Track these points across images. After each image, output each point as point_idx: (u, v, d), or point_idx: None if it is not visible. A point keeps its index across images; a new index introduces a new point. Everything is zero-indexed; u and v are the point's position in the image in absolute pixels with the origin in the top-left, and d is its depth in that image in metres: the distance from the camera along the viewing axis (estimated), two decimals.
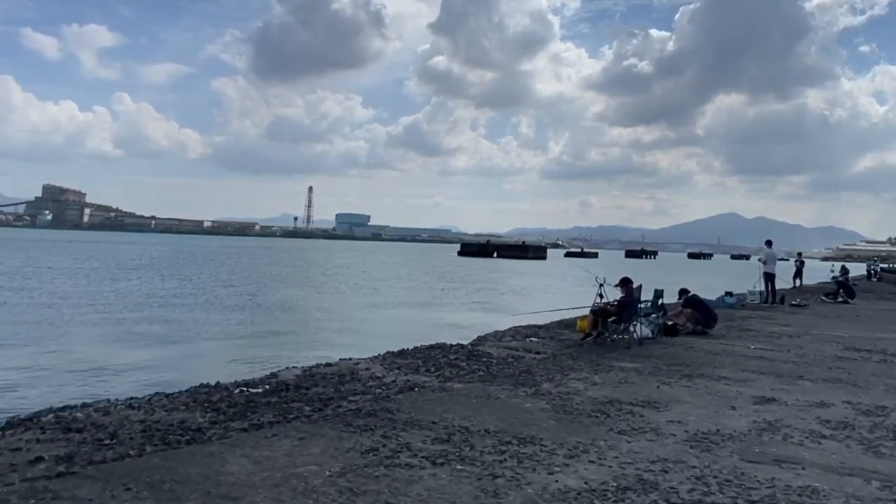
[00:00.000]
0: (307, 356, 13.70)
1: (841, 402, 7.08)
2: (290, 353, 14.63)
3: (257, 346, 16.26)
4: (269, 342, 16.94)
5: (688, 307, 12.57)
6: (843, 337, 12.99)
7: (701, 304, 12.66)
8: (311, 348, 15.72)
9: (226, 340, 17.30)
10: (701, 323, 12.52)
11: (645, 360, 9.38)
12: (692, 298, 12.77)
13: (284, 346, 16.06)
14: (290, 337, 18.31)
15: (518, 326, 12.76)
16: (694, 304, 12.54)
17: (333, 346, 15.92)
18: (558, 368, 8.42)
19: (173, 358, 14.34)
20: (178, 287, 33.01)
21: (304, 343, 16.97)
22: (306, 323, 21.73)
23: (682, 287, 13.25)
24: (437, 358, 9.20)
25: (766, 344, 11.50)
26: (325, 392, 6.96)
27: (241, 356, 14.63)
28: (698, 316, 12.47)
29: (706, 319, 12.52)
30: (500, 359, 9.27)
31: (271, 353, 14.75)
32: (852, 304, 21.61)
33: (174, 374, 11.71)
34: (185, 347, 15.85)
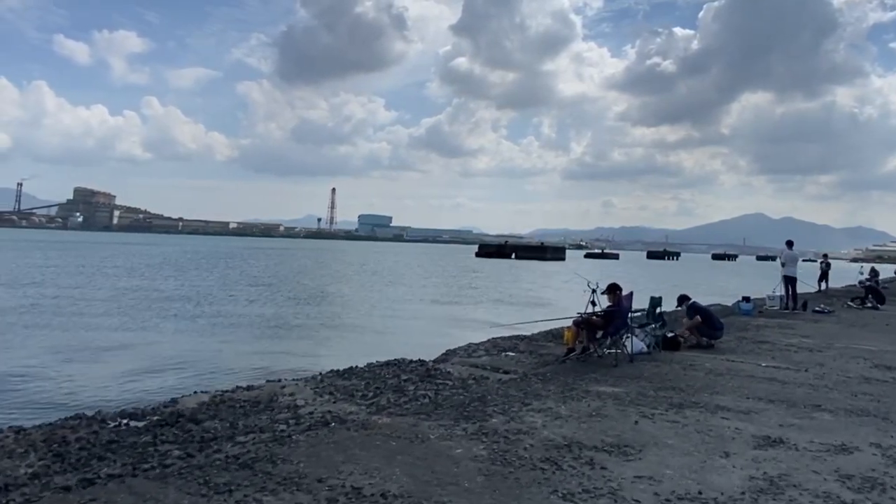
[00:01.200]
0: (260, 369, 12.48)
1: (868, 446, 5.57)
2: (249, 363, 13.38)
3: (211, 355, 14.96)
4: (225, 351, 15.65)
5: (690, 312, 11.04)
6: (872, 351, 11.36)
7: (704, 313, 11.10)
8: (279, 357, 14.48)
9: (176, 350, 16.07)
10: (706, 335, 10.98)
11: (631, 382, 7.91)
12: (693, 306, 11.20)
13: (243, 356, 14.76)
14: (259, 344, 17.02)
15: (497, 338, 11.34)
16: (697, 313, 10.99)
17: (302, 356, 14.65)
18: (520, 395, 6.99)
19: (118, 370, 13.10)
20: (167, 287, 32.02)
21: (273, 352, 15.64)
22: (288, 328, 20.43)
23: (682, 293, 11.66)
24: (385, 379, 7.82)
25: (780, 360, 9.94)
26: (215, 428, 5.63)
27: (188, 369, 13.32)
28: (703, 327, 10.93)
29: (711, 330, 10.98)
30: (459, 380, 7.86)
31: (222, 364, 13.47)
32: (882, 310, 19.80)
33: (104, 393, 10.46)
34: (128, 355, 14.60)
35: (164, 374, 12.06)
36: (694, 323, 10.98)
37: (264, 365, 13.11)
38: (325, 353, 15.42)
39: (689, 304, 11.23)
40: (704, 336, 10.96)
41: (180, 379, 11.51)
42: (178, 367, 12.73)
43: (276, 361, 13.77)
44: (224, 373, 12.14)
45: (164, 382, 11.24)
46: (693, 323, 10.98)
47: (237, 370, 12.40)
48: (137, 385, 11.06)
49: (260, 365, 13.04)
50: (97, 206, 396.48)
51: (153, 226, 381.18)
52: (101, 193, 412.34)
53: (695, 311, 11.17)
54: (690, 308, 11.15)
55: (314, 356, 14.76)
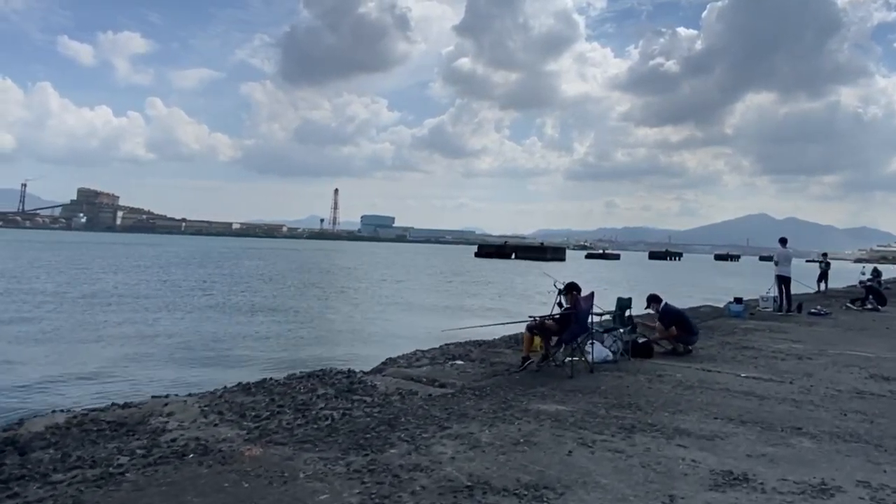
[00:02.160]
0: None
1: (853, 485, 4.44)
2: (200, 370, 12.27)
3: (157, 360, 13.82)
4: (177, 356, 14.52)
5: (664, 320, 9.87)
6: (868, 358, 10.20)
7: (679, 319, 9.92)
8: (207, 364, 13.33)
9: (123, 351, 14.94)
10: (682, 340, 9.84)
11: (583, 397, 6.78)
12: (666, 311, 10.01)
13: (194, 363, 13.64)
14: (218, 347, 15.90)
15: (451, 344, 10.22)
16: (672, 322, 9.79)
17: (229, 365, 13.46)
18: (443, 416, 5.86)
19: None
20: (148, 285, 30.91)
21: (200, 359, 14.35)
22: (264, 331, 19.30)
23: (652, 293, 10.43)
24: (296, 394, 6.71)
25: (763, 370, 8.79)
26: (41, 460, 4.54)
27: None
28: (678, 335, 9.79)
29: (687, 336, 9.83)
30: (381, 396, 6.73)
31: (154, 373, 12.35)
32: (883, 311, 18.60)
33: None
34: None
35: (67, 384, 10.88)
36: (668, 334, 9.83)
37: (175, 377, 11.76)
38: (257, 359, 14.07)
39: (662, 309, 10.04)
40: (681, 342, 9.83)
41: (82, 389, 10.36)
42: (89, 376, 11.57)
43: (198, 371, 12.48)
44: (138, 383, 11.00)
45: (58, 393, 10.11)
46: (667, 334, 9.83)
47: (154, 380, 11.24)
48: (31, 396, 9.94)
49: (172, 377, 11.63)
50: (101, 206, 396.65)
51: (156, 226, 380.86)
52: (105, 194, 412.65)
53: (669, 318, 9.95)
54: (664, 314, 9.95)
55: (244, 364, 13.39)
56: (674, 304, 10.68)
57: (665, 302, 10.13)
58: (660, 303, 10.08)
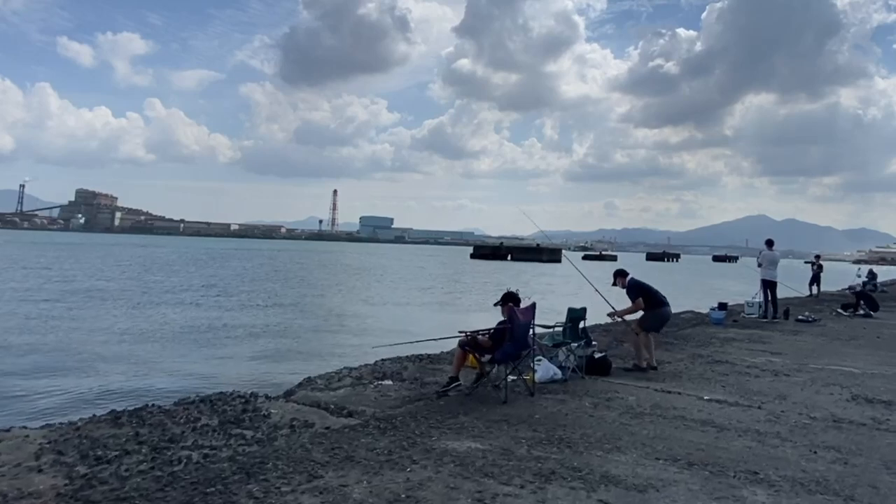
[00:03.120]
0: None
1: None
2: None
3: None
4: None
5: (630, 293, 8.93)
6: (853, 374, 9.18)
7: (643, 289, 8.98)
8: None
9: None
10: (649, 325, 8.99)
11: (508, 429, 5.75)
12: (631, 283, 8.98)
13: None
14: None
15: (388, 359, 9.18)
16: (635, 290, 8.94)
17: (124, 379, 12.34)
18: (322, 460, 4.83)
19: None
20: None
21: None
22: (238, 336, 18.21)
23: (619, 269, 9.33)
24: (173, 425, 5.68)
25: (731, 391, 7.77)
26: None
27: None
28: (647, 315, 8.89)
29: (654, 310, 8.92)
30: (270, 428, 5.70)
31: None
32: (876, 317, 17.58)
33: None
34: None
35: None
36: (636, 306, 8.88)
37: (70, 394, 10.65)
38: (178, 373, 12.80)
39: (628, 283, 9.02)
40: (649, 328, 8.91)
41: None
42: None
43: (98, 386, 11.29)
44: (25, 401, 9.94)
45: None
46: (632, 309, 8.90)
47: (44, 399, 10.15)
48: None
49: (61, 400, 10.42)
50: (99, 207, 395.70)
51: (155, 227, 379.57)
52: (103, 195, 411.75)
53: (635, 292, 8.96)
54: (630, 288, 8.97)
55: (158, 382, 11.94)
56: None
57: (631, 276, 9.16)
58: (625, 277, 9.10)
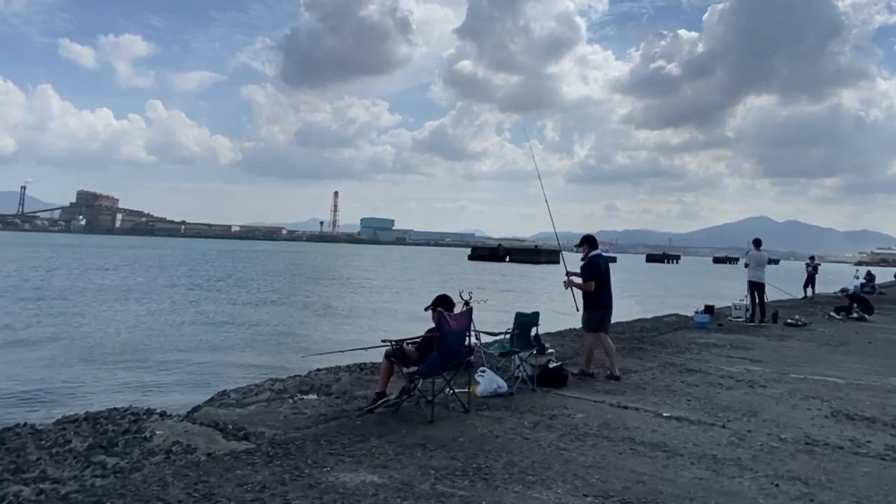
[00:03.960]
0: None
1: None
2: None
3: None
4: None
5: (585, 270, 8.20)
6: (837, 385, 8.33)
7: (599, 272, 8.21)
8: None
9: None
10: (595, 304, 8.27)
11: (421, 456, 4.92)
12: (591, 261, 8.24)
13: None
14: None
15: (322, 370, 8.36)
16: (590, 270, 8.24)
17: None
18: (177, 499, 4.01)
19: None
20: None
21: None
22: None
23: (588, 234, 8.45)
24: (37, 448, 4.90)
25: (697, 406, 6.92)
26: None
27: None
28: (592, 298, 8.20)
29: (599, 293, 8.20)
30: (142, 454, 4.89)
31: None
32: (870, 321, 16.71)
33: None
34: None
35: None
36: (585, 287, 8.19)
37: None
38: (99, 385, 11.77)
39: (591, 259, 8.26)
40: (591, 327, 8.18)
41: None
42: None
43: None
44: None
45: None
46: (582, 286, 8.22)
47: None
48: None
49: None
50: (100, 209, 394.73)
51: (156, 229, 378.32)
52: (105, 196, 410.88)
53: (589, 271, 8.25)
54: (587, 265, 8.25)
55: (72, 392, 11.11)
56: (657, 308, 8.88)
57: (598, 252, 8.39)
58: (591, 247, 8.32)
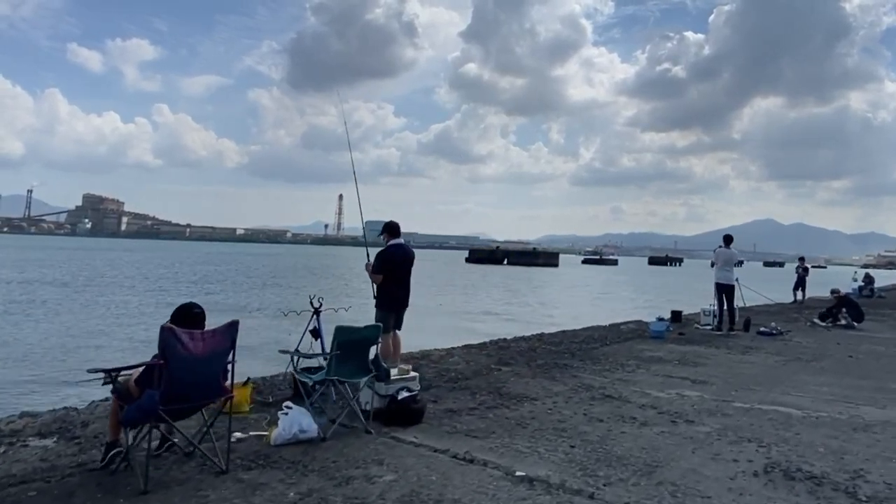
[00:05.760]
0: None
1: None
2: None
3: None
4: None
5: (377, 259, 6.57)
6: (791, 417, 6.35)
7: (393, 263, 6.95)
8: None
9: None
10: (388, 294, 7.07)
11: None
12: (388, 250, 6.92)
13: None
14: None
15: (98, 400, 6.47)
16: (383, 259, 7.03)
17: None
18: None
19: None
20: None
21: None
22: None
23: (391, 221, 7.09)
24: None
25: (574, 456, 4.97)
26: None
27: None
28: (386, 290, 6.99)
29: (394, 286, 7.02)
30: None
31: None
32: (859, 329, 14.69)
33: None
34: None
35: None
36: (374, 279, 6.96)
37: None
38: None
39: (387, 249, 7.05)
40: (385, 310, 6.83)
41: None
42: None
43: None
44: None
45: None
46: (373, 278, 6.97)
47: None
48: None
49: None
50: (105, 212, 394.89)
51: (161, 232, 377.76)
52: (110, 200, 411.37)
53: (381, 260, 7.02)
54: (380, 255, 7.02)
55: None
56: (632, 312, 7.14)
57: (398, 242, 7.08)
58: (392, 236, 7.08)
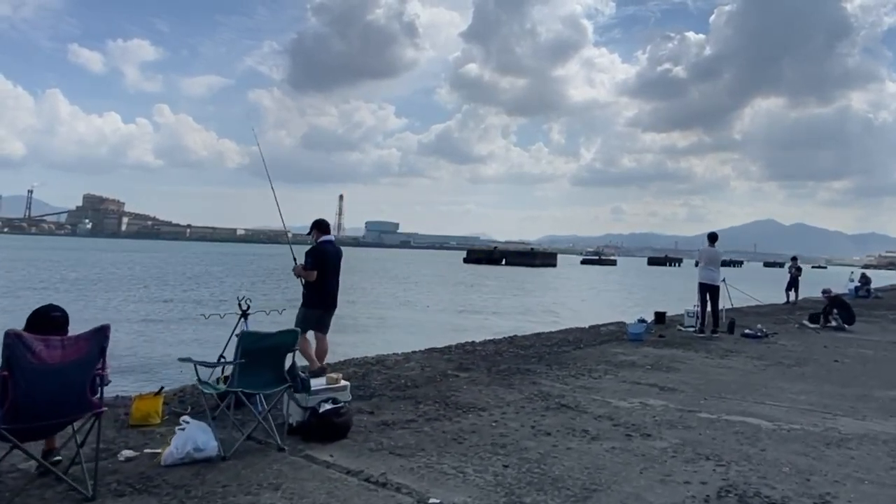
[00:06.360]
0: None
1: None
2: None
3: None
4: None
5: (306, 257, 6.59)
6: (760, 430, 5.78)
7: (324, 261, 6.67)
8: None
9: None
10: (317, 291, 6.87)
11: None
12: (319, 246, 6.75)
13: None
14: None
15: None
16: (313, 256, 6.77)
17: None
18: None
19: None
20: None
21: None
22: None
23: (319, 219, 7.02)
24: None
25: (505, 477, 4.41)
26: None
27: None
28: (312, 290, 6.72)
29: (323, 281, 6.75)
30: None
31: None
32: (850, 331, 14.12)
33: None
34: None
35: None
36: (306, 276, 6.65)
37: None
38: None
39: (317, 245, 6.76)
40: (306, 325, 6.55)
41: None
42: None
43: None
44: None
45: None
46: (304, 274, 6.66)
47: None
48: None
49: None
50: (106, 212, 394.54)
51: (161, 232, 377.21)
52: (111, 200, 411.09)
53: (313, 259, 6.71)
54: (311, 252, 6.72)
55: None
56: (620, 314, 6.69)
57: (330, 239, 6.84)
58: (322, 233, 6.84)
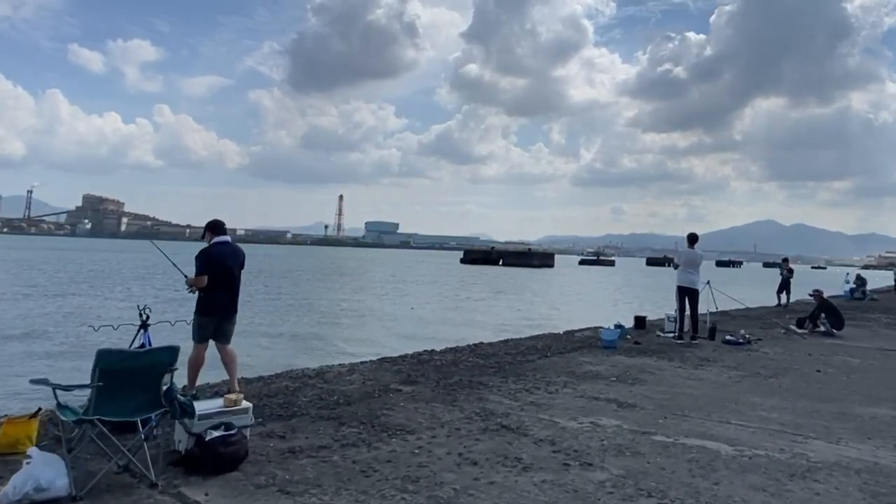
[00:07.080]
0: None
1: None
2: None
3: None
4: None
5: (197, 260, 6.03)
6: (718, 457, 5.11)
7: (212, 264, 6.10)
8: None
9: None
10: (212, 301, 6.20)
11: None
12: (208, 251, 6.21)
13: None
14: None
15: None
16: (204, 259, 6.21)
17: None
18: None
19: None
20: None
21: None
22: None
23: (213, 220, 6.48)
24: None
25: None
26: None
27: None
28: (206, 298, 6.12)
29: (215, 292, 6.17)
30: None
31: None
32: (838, 337, 13.45)
33: None
34: None
35: None
36: (196, 283, 6.01)
37: None
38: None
39: (210, 248, 6.16)
40: (201, 336, 6.00)
41: None
42: None
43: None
44: None
45: None
46: (194, 282, 6.02)
47: None
48: None
49: None
50: (105, 213, 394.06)
51: (160, 233, 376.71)
52: (110, 200, 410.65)
53: (203, 263, 6.12)
54: (200, 254, 6.10)
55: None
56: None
57: (226, 240, 6.28)
58: (215, 233, 6.29)
